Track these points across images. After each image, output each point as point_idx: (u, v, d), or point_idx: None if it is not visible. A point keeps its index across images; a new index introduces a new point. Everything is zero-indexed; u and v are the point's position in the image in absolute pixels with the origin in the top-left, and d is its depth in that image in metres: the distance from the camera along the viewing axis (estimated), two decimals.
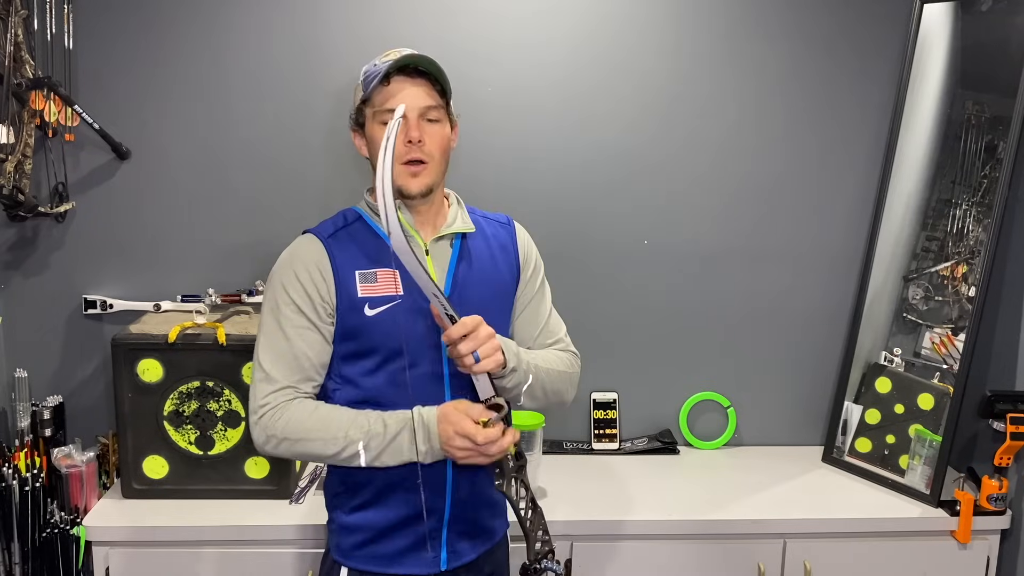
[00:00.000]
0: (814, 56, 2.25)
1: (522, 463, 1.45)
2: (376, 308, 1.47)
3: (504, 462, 1.43)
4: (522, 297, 1.64)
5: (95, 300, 2.18)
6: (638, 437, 2.38)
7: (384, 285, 1.48)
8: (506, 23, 2.18)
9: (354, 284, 1.48)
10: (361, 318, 1.47)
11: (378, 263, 1.49)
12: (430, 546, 1.53)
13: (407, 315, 1.47)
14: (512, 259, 1.62)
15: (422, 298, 1.44)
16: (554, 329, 1.68)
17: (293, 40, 2.15)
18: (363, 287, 1.48)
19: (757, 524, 1.98)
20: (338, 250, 1.50)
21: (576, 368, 1.67)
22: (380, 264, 1.49)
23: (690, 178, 2.29)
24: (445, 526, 1.54)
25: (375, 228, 1.53)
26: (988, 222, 2.05)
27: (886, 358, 2.26)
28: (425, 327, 1.48)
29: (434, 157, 1.48)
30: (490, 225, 1.63)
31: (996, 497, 1.99)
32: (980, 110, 2.12)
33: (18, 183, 1.99)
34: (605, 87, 2.23)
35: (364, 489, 1.52)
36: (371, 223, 1.54)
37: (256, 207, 2.20)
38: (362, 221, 1.55)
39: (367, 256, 1.50)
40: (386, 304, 1.47)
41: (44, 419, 2.11)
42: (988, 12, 2.10)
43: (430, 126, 1.47)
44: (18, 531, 1.95)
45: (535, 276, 1.66)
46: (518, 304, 1.64)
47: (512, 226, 1.66)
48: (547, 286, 1.70)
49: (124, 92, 2.13)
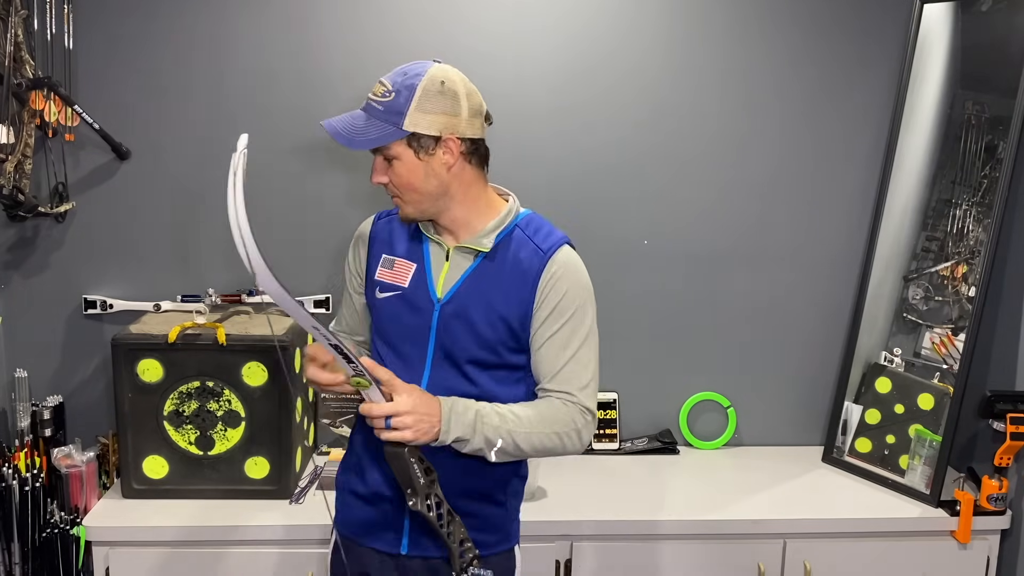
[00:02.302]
0: (814, 56, 2.25)
1: (432, 477, 1.41)
2: (384, 293, 1.54)
3: (415, 480, 1.38)
4: (537, 336, 1.52)
5: (95, 300, 2.19)
6: (638, 437, 2.38)
7: (397, 274, 1.54)
8: (506, 24, 2.18)
9: (376, 266, 1.56)
10: (374, 298, 1.56)
11: (403, 254, 1.55)
12: (391, 527, 1.55)
13: (405, 308, 1.52)
14: (528, 291, 1.50)
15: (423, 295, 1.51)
16: (567, 379, 1.51)
17: (292, 40, 2.15)
18: (381, 271, 1.55)
19: (757, 524, 1.98)
20: (379, 233, 1.59)
21: (576, 425, 1.50)
22: (406, 256, 1.55)
23: (690, 179, 2.29)
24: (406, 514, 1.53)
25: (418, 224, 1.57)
26: (988, 222, 2.05)
27: (886, 358, 2.26)
28: (417, 325, 1.52)
29: (402, 193, 1.47)
30: (526, 248, 1.51)
31: (996, 497, 1.99)
32: (980, 110, 2.12)
33: (18, 183, 1.99)
34: (605, 87, 2.23)
35: (351, 452, 1.62)
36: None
37: (257, 207, 2.19)
38: None
39: (398, 244, 1.56)
40: (390, 291, 1.53)
41: (44, 419, 2.11)
42: (988, 12, 2.10)
43: (387, 166, 1.46)
44: (18, 531, 1.95)
45: (555, 319, 1.50)
46: (534, 341, 1.53)
47: (548, 255, 1.50)
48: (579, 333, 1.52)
49: (124, 92, 2.13)
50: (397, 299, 1.52)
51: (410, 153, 1.43)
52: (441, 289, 1.51)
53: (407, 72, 1.43)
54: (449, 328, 1.50)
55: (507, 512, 1.60)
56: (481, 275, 1.52)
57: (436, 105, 1.41)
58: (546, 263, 1.50)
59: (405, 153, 1.44)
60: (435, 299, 1.51)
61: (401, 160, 1.44)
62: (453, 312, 1.49)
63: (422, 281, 1.52)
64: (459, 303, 1.50)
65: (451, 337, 1.50)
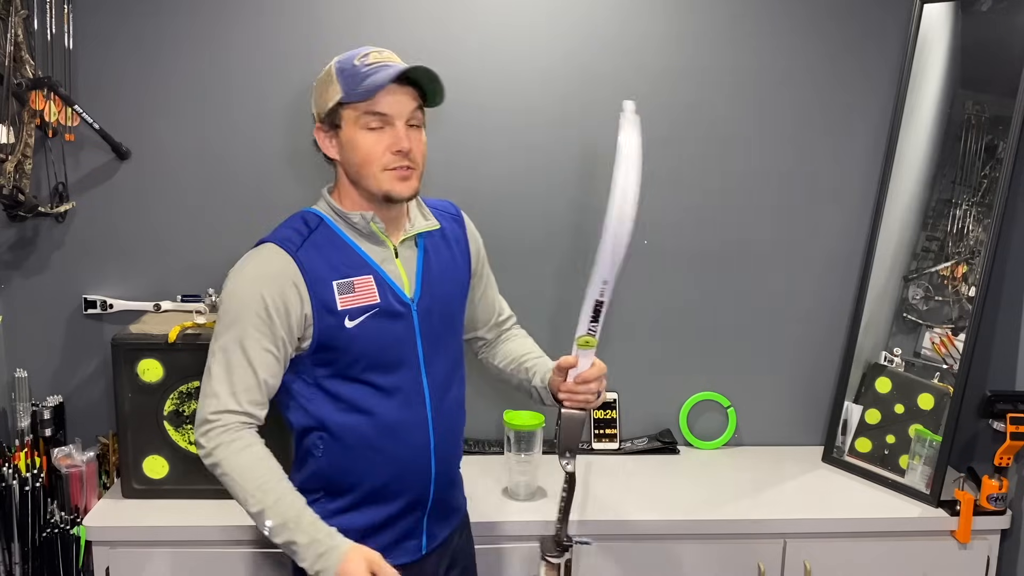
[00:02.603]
0: (814, 56, 2.25)
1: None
2: (356, 319, 1.44)
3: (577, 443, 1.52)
4: (477, 287, 1.70)
5: (95, 300, 2.18)
6: (638, 437, 2.38)
7: (362, 293, 1.45)
8: (506, 24, 2.18)
9: (332, 297, 1.44)
10: (341, 331, 1.44)
11: (352, 271, 1.46)
12: (412, 535, 1.57)
13: (384, 321, 1.46)
14: (464, 251, 1.64)
15: (397, 302, 1.48)
16: (504, 308, 1.79)
17: (292, 39, 2.15)
18: (342, 299, 1.44)
19: (757, 524, 1.98)
20: (310, 263, 1.44)
21: None
22: (355, 271, 1.46)
23: (690, 178, 2.29)
24: (426, 516, 1.58)
25: (340, 232, 1.49)
26: (988, 222, 2.05)
27: (886, 358, 2.26)
28: (402, 332, 1.49)
29: (419, 164, 1.47)
30: (444, 217, 1.61)
31: (996, 497, 1.99)
32: (980, 110, 2.12)
33: (18, 183, 1.99)
34: (603, 85, 2.22)
35: (346, 495, 1.52)
36: (337, 229, 1.49)
37: (257, 207, 2.20)
38: (325, 226, 1.50)
39: (340, 264, 1.46)
40: (365, 313, 1.45)
41: (44, 419, 2.11)
42: (988, 12, 2.10)
43: (414, 132, 1.45)
44: (18, 531, 1.94)
45: (484, 264, 1.72)
46: (474, 293, 1.69)
47: (461, 217, 1.67)
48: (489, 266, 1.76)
49: (124, 92, 2.13)
50: (374, 317, 1.46)
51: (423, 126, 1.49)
52: (408, 288, 1.50)
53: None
54: (430, 320, 1.52)
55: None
56: (431, 258, 1.55)
57: None
58: (464, 223, 1.66)
59: (423, 122, 1.49)
60: (407, 300, 1.50)
61: (423, 130, 1.48)
62: (429, 304, 1.52)
63: (387, 288, 1.48)
64: (430, 291, 1.52)
65: (435, 328, 1.53)
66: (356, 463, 1.50)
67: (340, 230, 1.49)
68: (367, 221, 1.48)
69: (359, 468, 1.50)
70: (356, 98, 1.41)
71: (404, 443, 1.50)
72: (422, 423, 1.52)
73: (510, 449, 2.02)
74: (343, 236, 1.49)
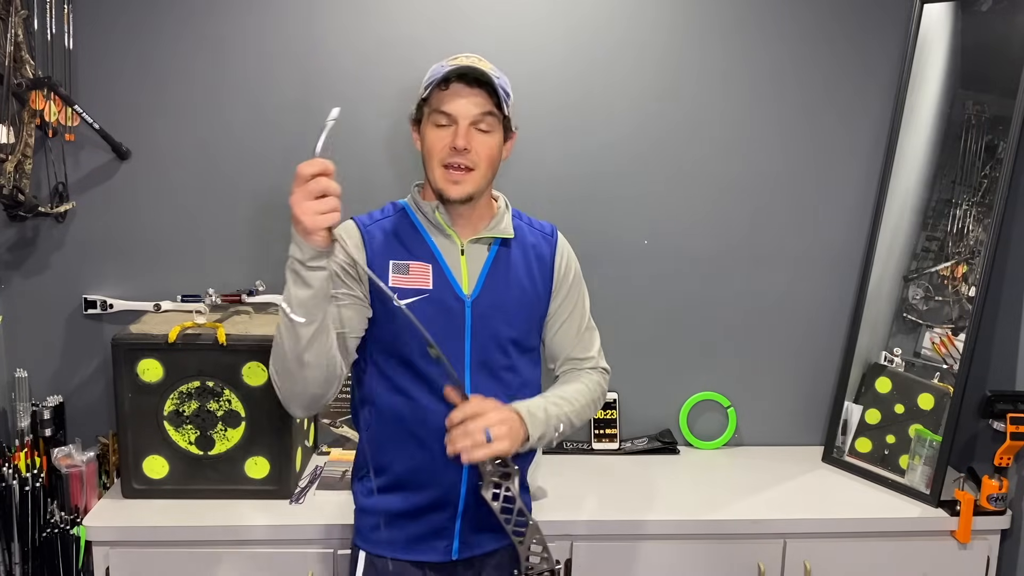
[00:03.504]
0: (814, 56, 2.25)
1: (507, 471, 1.43)
2: (405, 300, 1.48)
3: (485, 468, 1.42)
4: (558, 313, 1.66)
5: (95, 300, 2.18)
6: (638, 437, 2.38)
7: (416, 277, 1.51)
8: (506, 24, 2.18)
9: (387, 274, 1.51)
10: (388, 307, 1.49)
11: (414, 256, 1.53)
12: (442, 535, 1.56)
13: (435, 309, 1.50)
14: (548, 272, 1.63)
15: (451, 295, 1.51)
16: (587, 345, 1.70)
17: (292, 40, 2.15)
18: (396, 277, 1.51)
19: (757, 524, 1.98)
20: (373, 238, 1.53)
21: (603, 388, 1.71)
22: (416, 256, 1.53)
23: (690, 178, 2.29)
24: (458, 518, 1.57)
25: (415, 221, 1.57)
26: (988, 222, 2.05)
27: (886, 358, 2.26)
28: (448, 322, 1.51)
29: (479, 165, 1.50)
30: (532, 233, 1.64)
31: (996, 497, 1.99)
32: (980, 110, 2.12)
33: (18, 183, 1.99)
34: (604, 87, 2.23)
35: (382, 474, 1.56)
36: (414, 218, 1.58)
37: (256, 207, 2.20)
38: (405, 214, 1.59)
39: (404, 247, 1.54)
40: (416, 296, 1.50)
41: (44, 419, 2.11)
42: (988, 12, 2.10)
43: (479, 135, 1.49)
44: (18, 531, 1.95)
45: (572, 292, 1.67)
46: (554, 320, 1.66)
47: (555, 237, 1.67)
48: (585, 300, 1.71)
49: (124, 92, 2.13)
50: (423, 303, 1.49)
51: (500, 132, 1.52)
52: (466, 285, 1.53)
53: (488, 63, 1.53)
54: (484, 322, 1.52)
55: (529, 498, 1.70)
56: (501, 264, 1.56)
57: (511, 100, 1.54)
58: (556, 245, 1.65)
59: (497, 129, 1.52)
60: (463, 296, 1.52)
61: (491, 134, 1.50)
62: (487, 305, 1.52)
63: (444, 280, 1.52)
64: (490, 295, 1.53)
65: (488, 331, 1.53)
66: (391, 444, 1.54)
67: (417, 219, 1.57)
68: (432, 210, 1.55)
69: (392, 450, 1.54)
70: (428, 94, 1.49)
71: (436, 434, 1.49)
72: None
73: None
74: (417, 224, 1.56)
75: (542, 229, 1.67)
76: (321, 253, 1.31)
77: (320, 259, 1.31)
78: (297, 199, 1.27)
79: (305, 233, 1.28)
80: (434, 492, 1.54)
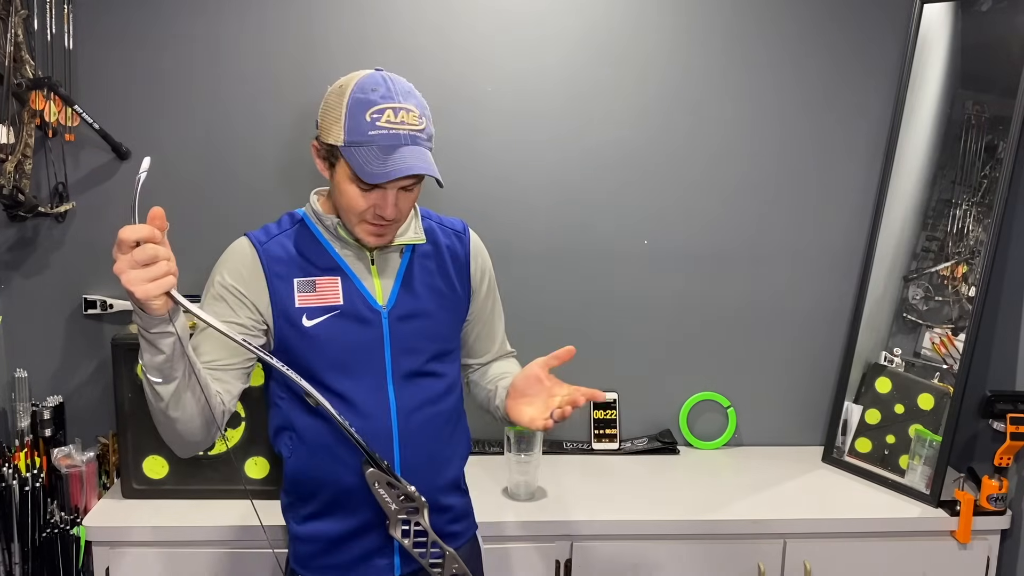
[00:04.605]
0: (814, 56, 2.25)
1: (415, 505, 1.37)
2: (315, 319, 1.42)
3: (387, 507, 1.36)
4: (479, 313, 1.61)
5: (95, 300, 2.18)
6: (638, 437, 2.38)
7: (324, 294, 1.43)
8: (506, 24, 2.18)
9: (291, 294, 1.42)
10: (297, 328, 1.41)
11: (320, 270, 1.44)
12: (382, 554, 1.49)
13: (348, 324, 1.43)
14: (464, 272, 1.56)
15: (365, 307, 1.43)
16: (505, 337, 1.70)
17: (292, 40, 2.15)
18: (301, 297, 1.42)
19: (757, 524, 1.98)
20: (272, 256, 1.43)
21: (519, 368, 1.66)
22: (322, 272, 1.44)
23: (690, 178, 2.29)
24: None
25: (316, 233, 1.47)
26: (988, 222, 2.05)
27: (886, 358, 2.26)
28: (368, 338, 1.44)
29: (403, 217, 1.42)
30: (444, 232, 1.56)
31: (996, 497, 1.99)
32: (980, 110, 2.12)
33: (18, 183, 1.99)
34: (604, 87, 2.23)
35: (313, 499, 1.49)
36: (315, 230, 1.47)
37: (257, 207, 2.20)
38: (304, 226, 1.48)
39: (308, 262, 1.44)
40: (326, 314, 1.42)
41: (44, 419, 2.11)
42: (988, 12, 2.10)
43: (405, 194, 1.39)
44: (18, 531, 1.95)
45: (490, 291, 1.63)
46: (474, 320, 1.61)
47: (467, 236, 1.59)
48: (498, 295, 1.66)
49: (124, 92, 2.13)
50: (335, 320, 1.42)
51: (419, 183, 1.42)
52: (380, 296, 1.46)
53: (408, 90, 1.37)
54: (403, 332, 1.46)
55: (468, 499, 1.63)
56: (415, 270, 1.50)
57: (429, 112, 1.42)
58: (468, 241, 1.58)
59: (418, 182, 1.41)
60: (378, 307, 1.45)
61: (417, 185, 1.41)
62: (404, 314, 1.45)
63: (356, 292, 1.44)
64: (408, 303, 1.47)
65: (408, 340, 1.46)
66: (318, 467, 1.47)
67: (318, 231, 1.47)
68: (335, 225, 1.45)
69: (321, 472, 1.47)
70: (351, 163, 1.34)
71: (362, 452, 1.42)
72: (384, 435, 1.45)
73: (510, 449, 2.02)
74: (319, 237, 1.47)
75: (453, 227, 1.58)
76: (163, 319, 1.19)
77: (164, 325, 1.20)
78: (122, 268, 1.17)
79: (139, 304, 1.17)
80: (368, 512, 1.46)
